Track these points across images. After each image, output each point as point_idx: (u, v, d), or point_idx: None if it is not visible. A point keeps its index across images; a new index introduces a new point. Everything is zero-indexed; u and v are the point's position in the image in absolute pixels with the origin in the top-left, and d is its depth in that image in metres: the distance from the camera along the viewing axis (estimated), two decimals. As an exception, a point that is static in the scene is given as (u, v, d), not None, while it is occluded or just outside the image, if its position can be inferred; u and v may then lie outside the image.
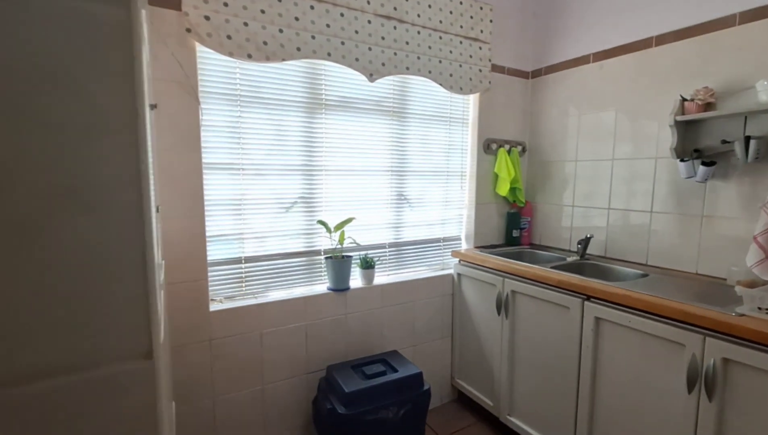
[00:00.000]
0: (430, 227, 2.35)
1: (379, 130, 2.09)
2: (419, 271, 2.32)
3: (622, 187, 2.07)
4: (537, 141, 2.53)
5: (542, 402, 1.83)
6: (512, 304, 1.95)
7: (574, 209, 2.32)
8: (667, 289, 1.55)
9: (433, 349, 2.32)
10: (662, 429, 1.39)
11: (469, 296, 2.23)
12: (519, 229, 2.49)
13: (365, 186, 2.09)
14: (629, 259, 2.04)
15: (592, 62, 2.18)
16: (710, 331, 1.25)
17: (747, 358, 1.17)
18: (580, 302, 1.63)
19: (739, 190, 1.64)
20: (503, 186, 2.39)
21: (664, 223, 1.90)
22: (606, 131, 2.13)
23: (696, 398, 1.29)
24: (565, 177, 2.37)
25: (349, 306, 2.00)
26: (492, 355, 2.09)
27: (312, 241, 1.97)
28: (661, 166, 1.90)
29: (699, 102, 1.66)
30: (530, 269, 1.87)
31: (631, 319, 1.46)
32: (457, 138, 2.37)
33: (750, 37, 1.59)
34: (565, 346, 1.70)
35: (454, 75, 2.18)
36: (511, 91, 2.48)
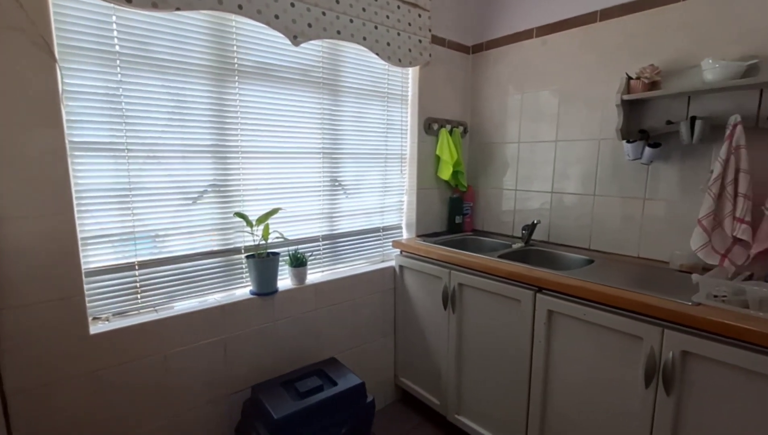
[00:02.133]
0: (369, 216, 2.12)
1: (308, 105, 1.79)
2: (358, 266, 2.09)
3: (565, 170, 2.00)
4: (479, 121, 2.39)
5: (492, 400, 1.72)
6: (459, 297, 1.80)
7: (516, 193, 2.23)
8: (616, 276, 1.48)
9: (375, 349, 2.12)
10: (618, 425, 1.32)
11: (413, 290, 2.05)
12: (462, 215, 2.36)
13: (293, 171, 1.78)
14: (573, 243, 1.99)
15: (535, 37, 2.07)
16: (669, 323, 1.18)
17: (706, 350, 1.12)
18: (532, 294, 1.52)
19: (681, 173, 1.62)
20: (445, 169, 2.23)
21: (606, 206, 1.86)
22: (549, 111, 2.04)
23: (653, 393, 1.22)
24: (507, 159, 2.26)
25: (278, 311, 1.71)
26: (438, 352, 1.94)
27: (229, 238, 1.64)
28: (604, 148, 1.84)
29: (645, 80, 1.59)
30: (478, 260, 1.72)
31: (586, 312, 1.37)
32: (396, 117, 2.14)
33: (695, 14, 1.54)
34: (516, 341, 1.59)
35: (392, 44, 1.93)
36: (452, 66, 2.29)
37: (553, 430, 1.51)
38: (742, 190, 1.38)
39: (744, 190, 1.37)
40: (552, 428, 1.52)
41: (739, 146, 1.38)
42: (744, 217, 1.37)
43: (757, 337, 1.02)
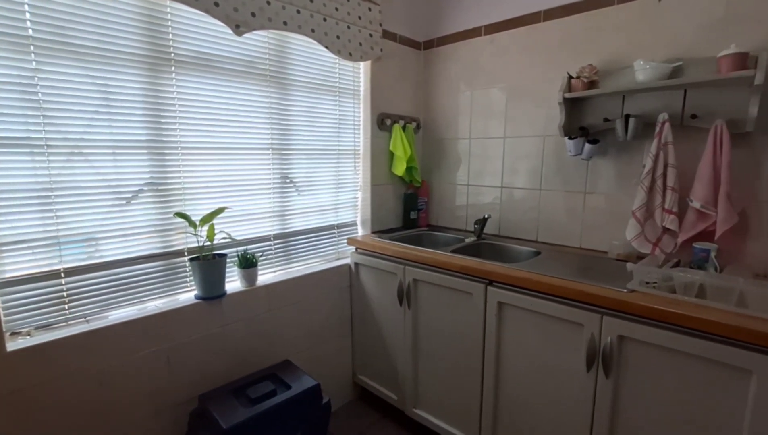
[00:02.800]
0: (322, 213, 2.07)
1: (255, 98, 1.71)
2: (312, 264, 2.04)
3: (514, 165, 2.06)
4: (431, 117, 2.41)
5: (448, 391, 1.75)
6: (414, 293, 1.81)
7: (469, 188, 2.28)
8: (560, 267, 1.55)
9: (331, 349, 2.09)
10: (563, 408, 1.39)
11: (369, 287, 2.04)
12: (416, 211, 2.38)
13: (240, 167, 1.70)
14: (522, 236, 2.06)
15: (483, 35, 2.11)
16: (607, 310, 1.25)
17: (639, 333, 1.19)
18: (483, 287, 1.55)
19: (618, 167, 1.72)
20: (399, 165, 2.23)
21: (551, 200, 1.94)
22: (498, 108, 2.09)
23: (594, 376, 1.29)
24: (460, 155, 2.30)
25: (227, 315, 1.64)
26: (395, 348, 1.94)
27: (170, 240, 1.54)
28: (548, 144, 1.92)
29: (584, 80, 1.67)
30: (432, 255, 1.74)
31: (533, 302, 1.42)
32: (349, 112, 2.11)
33: (627, 17, 1.63)
34: (469, 333, 1.62)
35: (342, 37, 1.89)
36: (404, 62, 2.29)
37: (505, 417, 1.56)
38: (670, 184, 1.48)
39: (672, 183, 1.48)
40: (504, 414, 1.57)
41: (667, 142, 1.48)
42: (672, 209, 1.48)
43: (682, 319, 1.10)
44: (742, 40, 1.39)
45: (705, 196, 1.42)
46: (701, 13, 1.47)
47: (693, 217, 1.48)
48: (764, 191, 1.41)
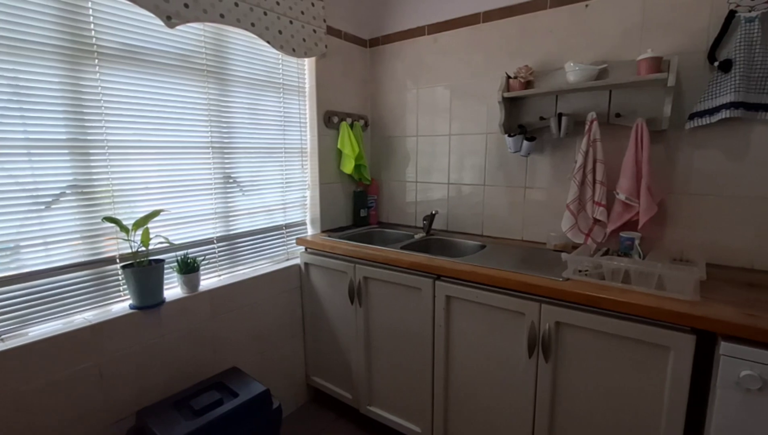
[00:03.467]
0: (270, 213, 2.01)
1: (192, 94, 1.62)
2: (260, 266, 1.98)
3: (460, 162, 2.12)
4: (379, 115, 2.42)
5: (401, 386, 1.77)
6: (365, 291, 1.81)
7: (417, 185, 2.31)
8: (503, 259, 1.62)
9: (283, 352, 2.04)
10: (509, 392, 1.45)
11: (320, 287, 2.01)
12: (366, 209, 2.38)
13: (177, 168, 1.61)
14: (468, 231, 2.13)
15: (427, 34, 2.14)
16: (545, 298, 1.32)
17: (574, 319, 1.27)
18: (431, 282, 1.58)
19: (553, 163, 1.82)
20: (348, 163, 2.21)
21: (495, 195, 2.02)
22: (443, 106, 2.14)
23: (535, 361, 1.36)
24: (408, 152, 2.33)
25: (166, 324, 1.54)
26: (348, 347, 1.94)
27: (99, 247, 1.43)
28: (491, 142, 1.99)
29: (521, 80, 1.75)
30: (381, 253, 1.74)
31: (478, 295, 1.47)
32: (294, 109, 2.06)
33: (558, 21, 1.73)
34: (419, 328, 1.65)
35: (285, 33, 1.85)
36: (350, 59, 2.28)
37: (456, 405, 1.61)
38: (599, 178, 1.59)
39: (600, 177, 1.59)
40: (454, 403, 1.61)
41: (596, 139, 1.59)
42: (601, 201, 1.59)
43: (610, 303, 1.19)
44: (658, 45, 1.52)
45: (629, 189, 1.54)
46: (622, 18, 1.59)
47: (619, 208, 1.59)
48: (678, 184, 1.55)
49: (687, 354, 1.09)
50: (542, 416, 1.37)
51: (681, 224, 1.56)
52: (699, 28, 1.45)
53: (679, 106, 1.50)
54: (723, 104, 1.37)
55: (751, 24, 1.33)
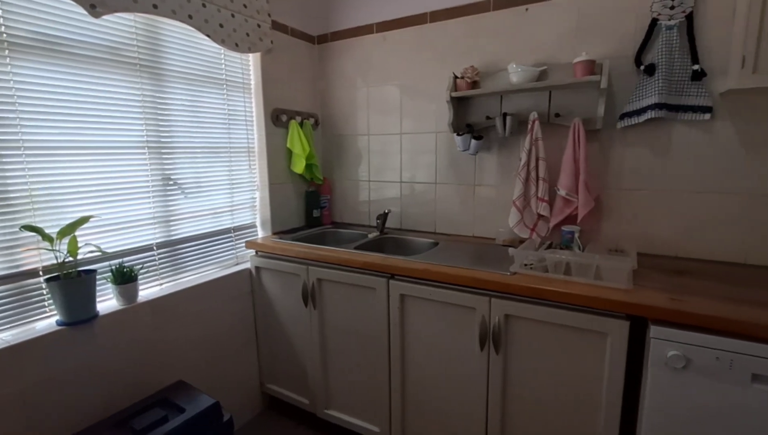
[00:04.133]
0: (216, 216, 1.92)
1: (123, 90, 1.50)
2: (207, 272, 1.88)
3: (412, 161, 2.14)
4: (329, 113, 2.38)
5: (358, 388, 1.76)
6: (319, 293, 1.78)
7: (370, 184, 2.30)
8: (455, 256, 1.65)
9: (235, 360, 1.95)
10: (463, 386, 1.49)
11: (272, 291, 1.95)
12: (319, 209, 2.33)
13: (108, 169, 1.48)
14: (421, 229, 2.15)
15: (375, 33, 2.13)
16: (494, 292, 1.37)
17: (520, 311, 1.32)
18: (386, 282, 1.58)
19: (500, 161, 1.89)
20: (298, 163, 2.16)
21: (446, 193, 2.06)
22: (393, 105, 2.14)
23: (487, 354, 1.41)
24: (360, 151, 2.31)
25: (101, 340, 1.42)
26: (303, 351, 1.89)
27: (18, 259, 1.28)
28: (441, 140, 2.02)
29: (468, 80, 1.79)
30: (335, 253, 1.72)
31: (431, 292, 1.48)
32: (239, 107, 1.98)
33: (501, 24, 1.78)
34: (374, 327, 1.65)
35: (226, 26, 1.76)
36: (297, 55, 2.22)
37: (412, 402, 1.62)
38: (541, 175, 1.67)
39: (543, 174, 1.66)
40: (411, 401, 1.63)
41: (538, 138, 1.66)
42: (544, 197, 1.67)
43: (553, 295, 1.25)
44: (591, 49, 1.61)
45: (569, 185, 1.62)
46: (559, 23, 1.67)
47: (560, 203, 1.68)
48: (612, 180, 1.66)
49: (622, 339, 1.17)
50: (494, 405, 1.42)
51: (615, 217, 1.68)
52: (626, 34, 1.55)
53: (612, 107, 1.60)
54: (649, 105, 1.48)
55: (671, 31, 1.45)
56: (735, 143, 1.44)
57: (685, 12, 1.43)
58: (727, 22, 1.38)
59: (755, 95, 1.38)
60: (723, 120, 1.45)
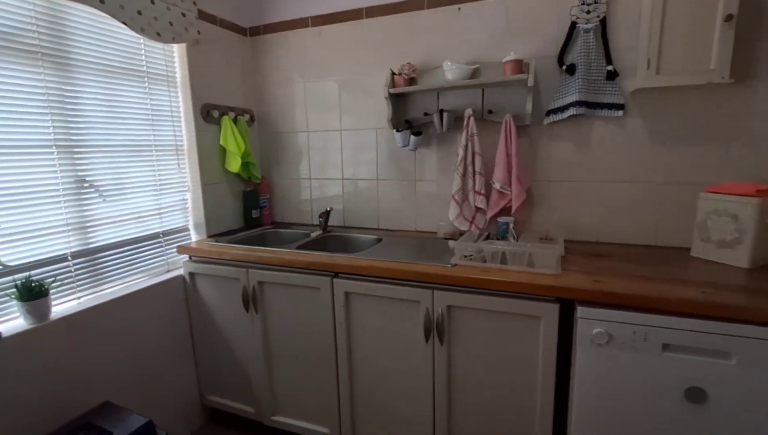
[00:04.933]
0: (142, 221, 1.77)
1: (22, 81, 1.32)
2: (134, 282, 1.72)
3: (353, 157, 2.12)
4: (265, 109, 2.29)
5: (305, 390, 1.72)
6: (261, 296, 1.71)
7: (312, 182, 2.26)
8: (399, 251, 1.67)
9: (170, 375, 1.82)
10: (410, 378, 1.51)
11: (209, 297, 1.84)
12: (258, 209, 2.24)
13: (5, 172, 1.30)
14: (365, 225, 2.15)
15: (311, 26, 2.08)
16: (436, 285, 1.40)
17: (462, 301, 1.37)
18: (330, 280, 1.56)
19: (439, 156, 1.93)
20: (234, 161, 2.05)
21: (388, 189, 2.07)
22: (332, 101, 2.11)
23: (432, 345, 1.44)
24: (299, 149, 2.25)
25: (5, 365, 1.25)
26: (246, 358, 1.81)
27: None
28: (381, 137, 2.03)
29: (405, 76, 1.81)
30: (276, 254, 1.66)
31: (376, 288, 1.49)
32: (164, 101, 1.83)
33: (436, 22, 1.82)
34: (320, 327, 1.62)
35: (145, 13, 1.62)
36: (229, 48, 2.10)
37: (361, 400, 1.62)
38: (477, 169, 1.73)
39: (479, 168, 1.73)
40: (360, 399, 1.62)
41: (473, 134, 1.72)
42: (481, 190, 1.74)
43: (491, 283, 1.30)
44: (519, 49, 1.69)
45: (503, 178, 1.70)
46: (489, 23, 1.74)
47: (496, 196, 1.76)
48: (541, 172, 1.77)
49: (553, 320, 1.26)
50: (440, 394, 1.46)
51: (545, 207, 1.79)
52: (550, 35, 1.66)
53: (539, 104, 1.70)
54: (571, 102, 1.59)
55: (588, 34, 1.56)
56: (644, 137, 1.60)
57: (600, 17, 1.55)
58: (635, 27, 1.52)
59: (659, 93, 1.54)
60: (633, 116, 1.60)
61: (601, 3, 1.54)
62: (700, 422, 1.12)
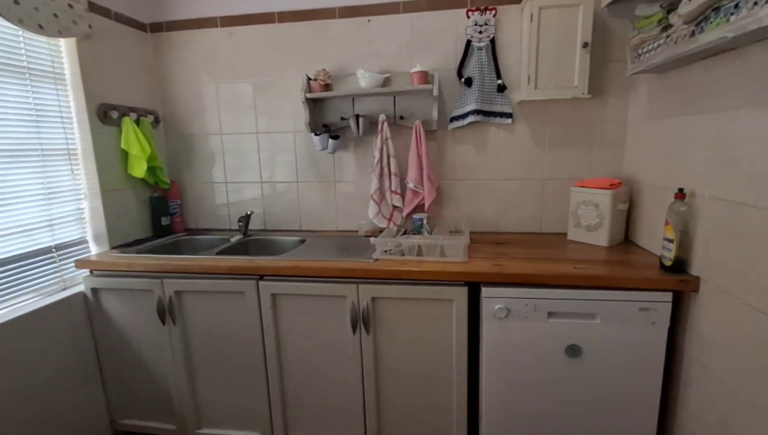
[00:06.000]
0: (29, 234, 1.57)
1: None
2: (22, 304, 1.53)
3: (271, 160, 2.12)
4: (173, 110, 2.17)
5: (234, 398, 1.69)
6: (179, 306, 1.64)
7: (228, 185, 2.19)
8: (323, 250, 1.74)
9: (73, 403, 1.64)
10: (340, 372, 1.58)
11: (117, 314, 1.70)
12: (169, 216, 2.12)
13: None
14: (287, 227, 2.16)
15: (220, 27, 2.03)
16: (361, 279, 1.49)
17: (384, 292, 1.48)
18: (255, 283, 1.56)
19: (357, 158, 2.03)
20: (138, 165, 1.91)
21: (308, 191, 2.11)
22: (246, 103, 2.08)
23: (359, 336, 1.53)
24: (213, 151, 2.18)
25: None
26: (164, 373, 1.72)
27: None
28: (299, 140, 2.06)
29: (320, 82, 1.87)
30: (195, 262, 1.61)
31: (303, 287, 1.53)
32: (51, 101, 1.65)
33: (348, 31, 1.91)
34: (247, 332, 1.61)
35: (24, 4, 1.45)
36: (127, 44, 1.95)
37: (293, 400, 1.65)
38: (393, 170, 1.87)
39: (394, 170, 1.87)
40: (292, 399, 1.65)
41: (387, 138, 1.85)
42: (397, 190, 1.88)
43: (410, 274, 1.44)
44: (425, 61, 1.87)
45: (416, 178, 1.87)
46: (397, 35, 1.88)
47: (410, 195, 1.92)
48: (448, 172, 1.97)
49: (463, 301, 1.44)
50: (369, 381, 1.56)
51: (453, 203, 2.00)
52: (450, 50, 1.85)
53: (444, 111, 1.90)
54: (469, 111, 1.81)
55: (481, 51, 1.79)
56: (528, 141, 1.88)
57: (490, 37, 1.79)
58: (519, 48, 1.79)
59: (539, 105, 1.82)
60: (520, 123, 1.87)
61: (490, 25, 1.78)
62: (578, 371, 1.39)
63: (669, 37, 1.20)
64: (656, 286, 1.29)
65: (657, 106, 1.52)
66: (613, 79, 1.76)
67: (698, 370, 1.25)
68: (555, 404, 1.43)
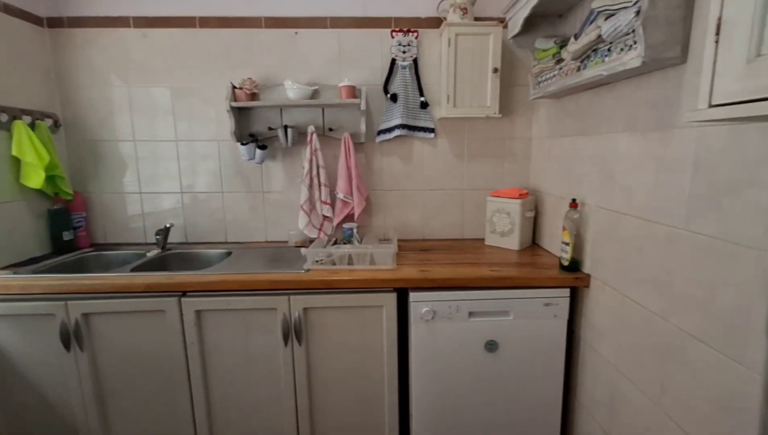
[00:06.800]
0: None
1: None
2: None
3: (193, 168, 2.02)
4: (76, 114, 1.97)
5: (154, 424, 1.57)
6: (86, 331, 1.49)
7: (142, 196, 2.04)
8: (251, 262, 1.70)
9: (-54, 452, 1.40)
10: (272, 385, 1.56)
11: (7, 343, 1.50)
12: (72, 230, 1.91)
13: None
14: (211, 239, 2.07)
15: (133, 27, 1.90)
16: (292, 291, 1.49)
17: (316, 302, 1.50)
18: (176, 300, 1.48)
19: (285, 168, 2.02)
20: (34, 175, 1.71)
21: (234, 201, 2.05)
22: (163, 109, 1.97)
23: (291, 347, 1.53)
24: (124, 159, 2.01)
25: None
26: (69, 406, 1.54)
27: None
28: (224, 148, 2.00)
29: (247, 91, 1.84)
30: (106, 280, 1.48)
31: (230, 302, 1.49)
32: None
33: (275, 41, 1.91)
34: (168, 352, 1.52)
35: None
36: (18, 39, 1.74)
37: (221, 420, 1.58)
38: (323, 181, 1.90)
39: (324, 180, 1.90)
40: (219, 418, 1.58)
41: (317, 149, 1.88)
42: (326, 200, 1.91)
43: (341, 283, 1.48)
44: (353, 75, 1.93)
45: (345, 189, 1.91)
46: (324, 49, 1.92)
47: (340, 205, 1.96)
48: (377, 183, 2.04)
49: (392, 307, 1.51)
50: (302, 392, 1.56)
51: (382, 213, 2.08)
52: (376, 67, 1.94)
53: (371, 124, 1.97)
54: (395, 125, 1.91)
55: (405, 70, 1.90)
56: (450, 154, 2.03)
57: (413, 57, 1.91)
58: (438, 69, 1.93)
59: (458, 121, 1.98)
60: (442, 138, 2.01)
61: (413, 46, 1.90)
62: (495, 364, 1.53)
63: (561, 69, 1.40)
64: (557, 283, 1.48)
65: (555, 126, 1.74)
66: (520, 100, 1.98)
67: (590, 353, 1.46)
68: (478, 395, 1.56)
